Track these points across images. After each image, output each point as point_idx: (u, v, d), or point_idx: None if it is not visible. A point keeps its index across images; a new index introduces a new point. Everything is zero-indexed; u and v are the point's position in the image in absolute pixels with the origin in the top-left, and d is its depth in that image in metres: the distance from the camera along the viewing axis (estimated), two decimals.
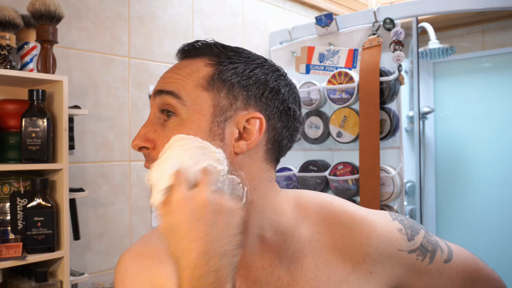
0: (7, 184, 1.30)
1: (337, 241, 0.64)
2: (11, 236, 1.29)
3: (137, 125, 1.75)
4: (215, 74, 0.59)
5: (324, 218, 0.65)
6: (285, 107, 0.61)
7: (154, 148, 0.59)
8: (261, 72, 0.61)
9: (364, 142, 1.66)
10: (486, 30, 2.47)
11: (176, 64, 0.63)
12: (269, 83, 0.61)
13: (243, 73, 0.60)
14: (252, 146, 0.59)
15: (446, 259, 0.70)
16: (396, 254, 0.66)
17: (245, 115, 0.58)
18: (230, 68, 0.59)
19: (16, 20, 1.28)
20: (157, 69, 1.82)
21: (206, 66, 0.60)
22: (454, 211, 2.52)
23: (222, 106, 0.58)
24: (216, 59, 0.60)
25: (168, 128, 0.58)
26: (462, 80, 2.51)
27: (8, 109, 1.32)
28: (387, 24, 1.70)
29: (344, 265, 0.63)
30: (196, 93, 0.58)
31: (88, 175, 1.60)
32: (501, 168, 2.35)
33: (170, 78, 0.60)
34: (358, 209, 0.68)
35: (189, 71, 0.60)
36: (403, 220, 0.70)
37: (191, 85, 0.59)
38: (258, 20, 2.27)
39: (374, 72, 1.65)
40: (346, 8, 2.70)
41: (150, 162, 0.59)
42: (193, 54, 0.62)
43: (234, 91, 0.59)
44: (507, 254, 2.25)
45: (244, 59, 0.61)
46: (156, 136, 0.59)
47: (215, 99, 0.58)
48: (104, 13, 1.66)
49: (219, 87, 0.58)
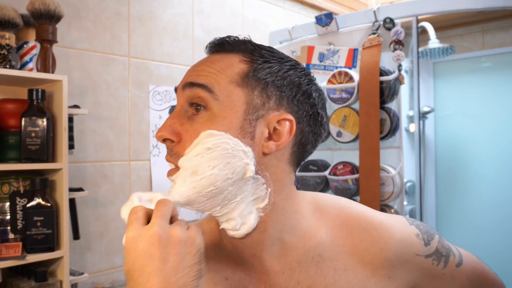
0: (7, 183, 1.30)
1: (356, 246, 0.63)
2: (10, 235, 1.29)
3: (137, 124, 1.75)
4: (250, 71, 0.58)
5: (343, 222, 0.65)
6: (315, 112, 0.61)
7: (179, 142, 0.57)
8: (294, 74, 0.60)
9: (364, 141, 1.66)
10: (486, 29, 2.47)
11: (208, 57, 0.61)
12: (302, 86, 0.60)
13: (278, 73, 0.58)
14: (281, 147, 0.58)
15: (457, 263, 0.71)
16: (414, 259, 0.66)
17: (277, 116, 0.57)
18: (265, 67, 0.58)
19: (15, 20, 1.28)
20: (157, 69, 1.82)
21: (240, 62, 0.58)
22: (454, 210, 2.52)
23: (255, 104, 0.57)
24: (250, 56, 0.59)
25: (197, 123, 0.56)
26: (462, 80, 2.51)
27: (8, 109, 1.32)
28: (387, 24, 1.70)
29: (363, 270, 0.62)
30: (230, 89, 0.57)
31: (88, 175, 1.60)
32: (501, 167, 2.35)
33: (202, 70, 0.58)
34: (376, 214, 0.68)
35: (223, 65, 0.58)
36: (419, 225, 0.70)
37: (224, 80, 0.57)
38: (258, 19, 2.26)
39: (374, 72, 1.65)
40: (346, 7, 2.70)
41: (173, 157, 0.57)
42: (226, 49, 0.60)
43: (268, 90, 0.58)
44: (507, 254, 2.25)
45: (277, 59, 0.60)
46: (183, 130, 0.57)
47: (249, 96, 0.57)
48: (104, 12, 1.66)
49: (253, 85, 0.57)
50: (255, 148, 0.57)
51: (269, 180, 0.58)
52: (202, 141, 0.54)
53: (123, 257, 1.88)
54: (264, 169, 0.58)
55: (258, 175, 0.57)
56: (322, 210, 0.65)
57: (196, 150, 0.54)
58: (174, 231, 0.48)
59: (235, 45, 0.60)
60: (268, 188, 0.58)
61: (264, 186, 0.58)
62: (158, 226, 0.47)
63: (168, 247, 0.47)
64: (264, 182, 0.57)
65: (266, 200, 0.58)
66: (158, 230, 0.47)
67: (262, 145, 0.57)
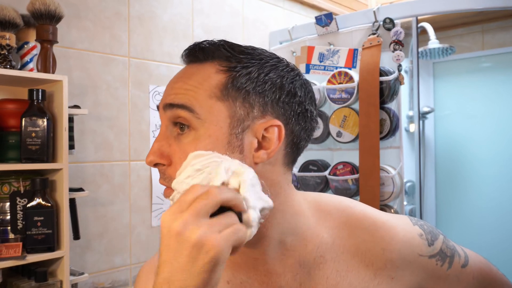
0: (7, 183, 1.30)
1: (358, 246, 0.62)
2: (11, 235, 1.29)
3: (137, 124, 1.75)
4: (228, 82, 0.55)
5: (345, 222, 0.64)
6: (302, 109, 0.58)
7: (170, 164, 0.55)
8: (276, 75, 0.57)
9: (364, 142, 1.66)
10: (486, 29, 2.47)
11: (183, 71, 0.58)
12: (285, 86, 0.57)
13: (258, 78, 0.56)
14: (272, 155, 0.56)
15: (463, 263, 0.70)
16: (417, 259, 0.65)
17: (263, 123, 0.55)
18: (243, 74, 0.55)
19: (16, 20, 1.28)
20: (157, 68, 1.82)
21: (217, 73, 0.56)
22: (454, 210, 2.52)
23: (239, 116, 0.54)
24: (227, 64, 0.56)
25: (184, 143, 0.55)
26: (462, 80, 2.52)
27: (8, 109, 1.32)
28: (387, 24, 1.70)
29: (365, 271, 0.62)
30: (210, 104, 0.54)
31: (88, 175, 1.60)
32: (501, 167, 2.35)
33: (179, 88, 0.56)
34: (379, 214, 0.67)
35: (200, 79, 0.55)
36: (423, 225, 0.69)
37: (203, 95, 0.54)
38: (258, 19, 2.27)
39: (374, 72, 1.65)
40: (346, 7, 2.70)
41: (166, 180, 0.56)
42: (201, 58, 0.57)
43: (249, 99, 0.55)
44: (507, 254, 2.25)
45: (257, 61, 0.57)
46: (171, 152, 0.55)
47: (231, 109, 0.54)
48: (103, 12, 1.66)
49: (234, 96, 0.55)
50: (246, 160, 0.54)
51: (265, 187, 0.56)
52: (190, 162, 0.52)
53: (123, 257, 1.89)
54: (259, 178, 0.55)
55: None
56: (324, 210, 0.64)
57: (186, 172, 0.52)
58: (195, 232, 0.44)
59: (210, 52, 0.57)
60: (266, 193, 0.57)
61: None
62: (183, 221, 0.45)
63: (183, 244, 0.45)
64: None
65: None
66: (180, 225, 0.45)
67: (253, 155, 0.55)
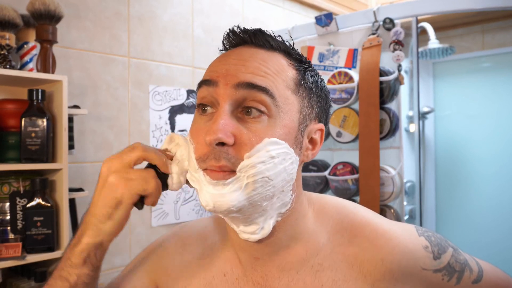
0: (7, 184, 1.30)
1: (357, 255, 0.59)
2: (10, 236, 1.29)
3: (137, 124, 1.75)
4: (301, 78, 0.55)
5: (346, 228, 0.61)
6: (329, 114, 0.62)
7: (233, 144, 0.51)
8: (323, 82, 0.59)
9: (364, 142, 1.66)
10: (486, 30, 2.47)
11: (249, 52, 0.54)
12: (327, 93, 0.60)
13: (317, 82, 0.57)
14: (313, 156, 0.57)
15: (475, 279, 0.65)
16: (420, 273, 0.60)
17: (315, 126, 0.58)
18: (309, 76, 0.56)
19: (15, 20, 1.28)
20: (157, 68, 1.82)
21: (289, 66, 0.55)
22: (454, 210, 2.52)
23: (305, 114, 0.55)
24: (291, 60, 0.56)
25: (257, 128, 0.51)
26: (462, 80, 2.51)
27: (8, 109, 1.32)
28: (387, 24, 1.70)
29: (363, 282, 0.59)
30: (287, 95, 0.53)
31: (88, 175, 1.60)
32: (501, 167, 2.35)
33: (256, 69, 0.52)
34: (382, 222, 0.63)
35: (276, 67, 0.53)
36: (430, 236, 0.64)
37: (282, 84, 0.53)
38: (258, 19, 2.26)
39: (374, 72, 1.65)
40: (346, 8, 2.70)
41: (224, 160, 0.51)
42: (269, 46, 0.55)
43: (312, 100, 0.56)
44: (507, 253, 2.25)
45: (307, 64, 0.57)
46: (237, 132, 0.51)
47: (301, 105, 0.55)
48: (103, 12, 1.66)
49: (304, 94, 0.55)
50: (300, 158, 0.56)
51: (294, 186, 0.57)
52: (266, 147, 0.50)
53: (122, 257, 1.89)
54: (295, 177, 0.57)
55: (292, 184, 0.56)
56: (326, 214, 0.63)
57: (260, 156, 0.50)
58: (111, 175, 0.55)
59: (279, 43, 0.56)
60: (293, 194, 0.57)
61: (291, 192, 0.56)
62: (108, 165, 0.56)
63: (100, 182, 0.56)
64: (291, 189, 0.56)
65: (288, 205, 0.57)
66: (106, 168, 0.56)
67: (304, 154, 0.57)
